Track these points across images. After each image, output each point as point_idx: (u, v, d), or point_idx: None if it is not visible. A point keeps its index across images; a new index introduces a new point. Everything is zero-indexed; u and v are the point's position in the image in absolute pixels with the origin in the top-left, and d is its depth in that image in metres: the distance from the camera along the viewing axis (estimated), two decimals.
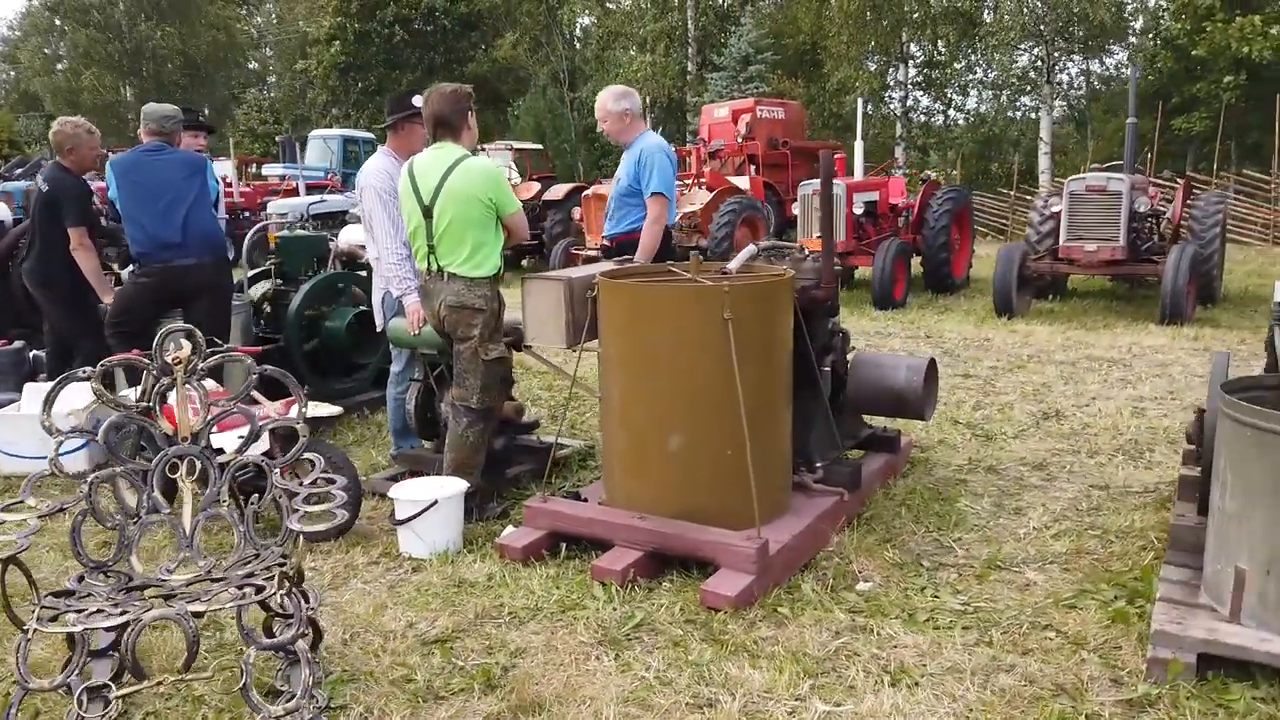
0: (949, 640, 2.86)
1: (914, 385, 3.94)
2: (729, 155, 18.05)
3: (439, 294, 3.71)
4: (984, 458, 4.68)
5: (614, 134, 4.54)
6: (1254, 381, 3.00)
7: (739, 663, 2.70)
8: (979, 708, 2.50)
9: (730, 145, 18.08)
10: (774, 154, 18.24)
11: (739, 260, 3.83)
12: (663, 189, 4.34)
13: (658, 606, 3.07)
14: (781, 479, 3.59)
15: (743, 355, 3.27)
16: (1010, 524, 3.82)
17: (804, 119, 21.05)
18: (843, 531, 3.69)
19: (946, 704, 2.51)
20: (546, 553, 3.46)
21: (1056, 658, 2.75)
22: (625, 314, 3.41)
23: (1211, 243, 9.38)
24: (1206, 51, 18.83)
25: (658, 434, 3.38)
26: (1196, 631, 2.62)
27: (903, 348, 7.80)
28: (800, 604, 3.10)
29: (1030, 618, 3.02)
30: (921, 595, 3.21)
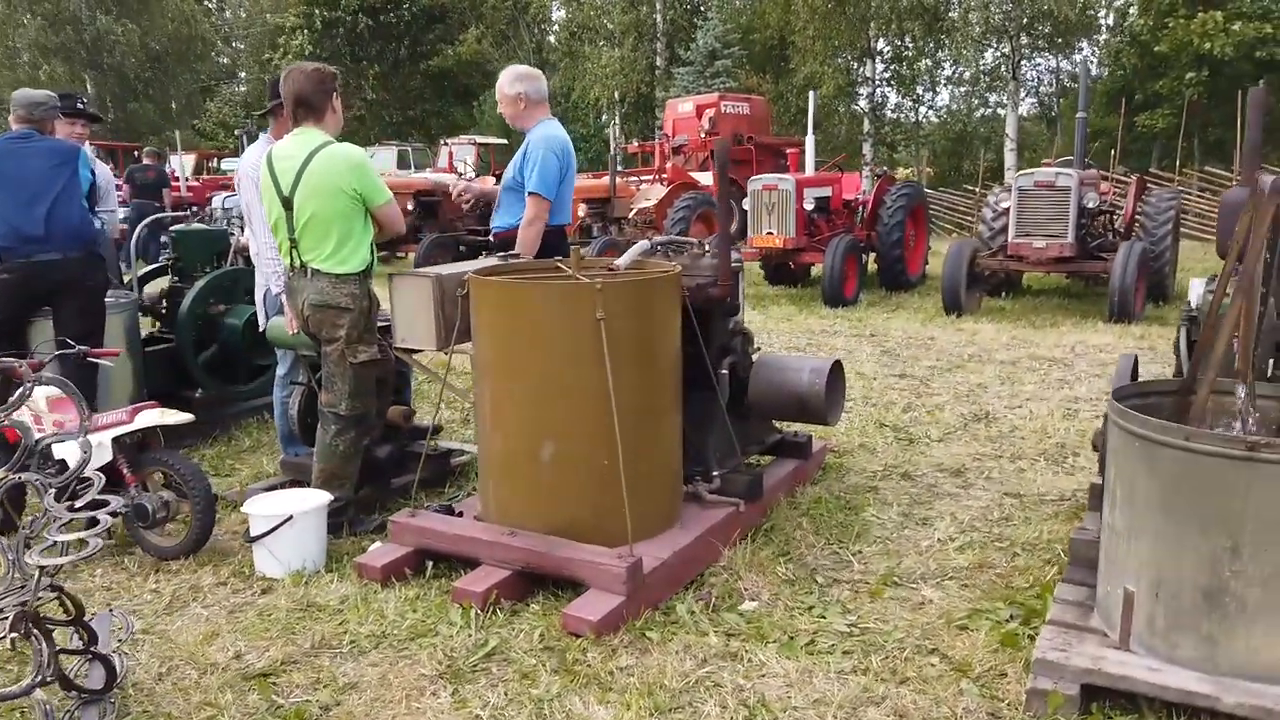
0: (823, 668, 2.64)
1: (816, 389, 3.72)
2: (693, 150, 17.87)
3: (302, 291, 3.45)
4: (902, 463, 4.47)
5: (510, 118, 4.25)
6: (1153, 387, 2.80)
7: (586, 697, 2.47)
8: None
9: (694, 140, 17.89)
10: (738, 149, 18.06)
11: (628, 257, 3.59)
12: (541, 189, 4.02)
13: (517, 632, 2.83)
14: (668, 489, 3.36)
15: (619, 357, 3.03)
16: (915, 535, 3.61)
17: (769, 114, 20.89)
18: (737, 545, 3.46)
19: None
20: (410, 572, 3.21)
21: (934, 687, 2.53)
22: (495, 313, 3.16)
23: (1163, 240, 9.26)
24: (1169, 48, 18.81)
25: (529, 442, 3.14)
26: (1080, 660, 2.41)
27: (845, 346, 7.60)
28: (673, 628, 2.88)
29: (917, 641, 2.81)
30: (808, 615, 2.99)
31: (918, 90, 24.98)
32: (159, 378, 5.09)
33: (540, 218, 4.12)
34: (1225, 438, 2.25)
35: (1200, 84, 19.06)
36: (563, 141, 4.14)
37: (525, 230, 4.10)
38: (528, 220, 4.11)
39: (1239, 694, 2.24)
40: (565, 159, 4.15)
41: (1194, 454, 2.28)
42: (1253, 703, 2.21)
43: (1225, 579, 2.27)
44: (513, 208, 4.29)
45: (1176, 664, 2.36)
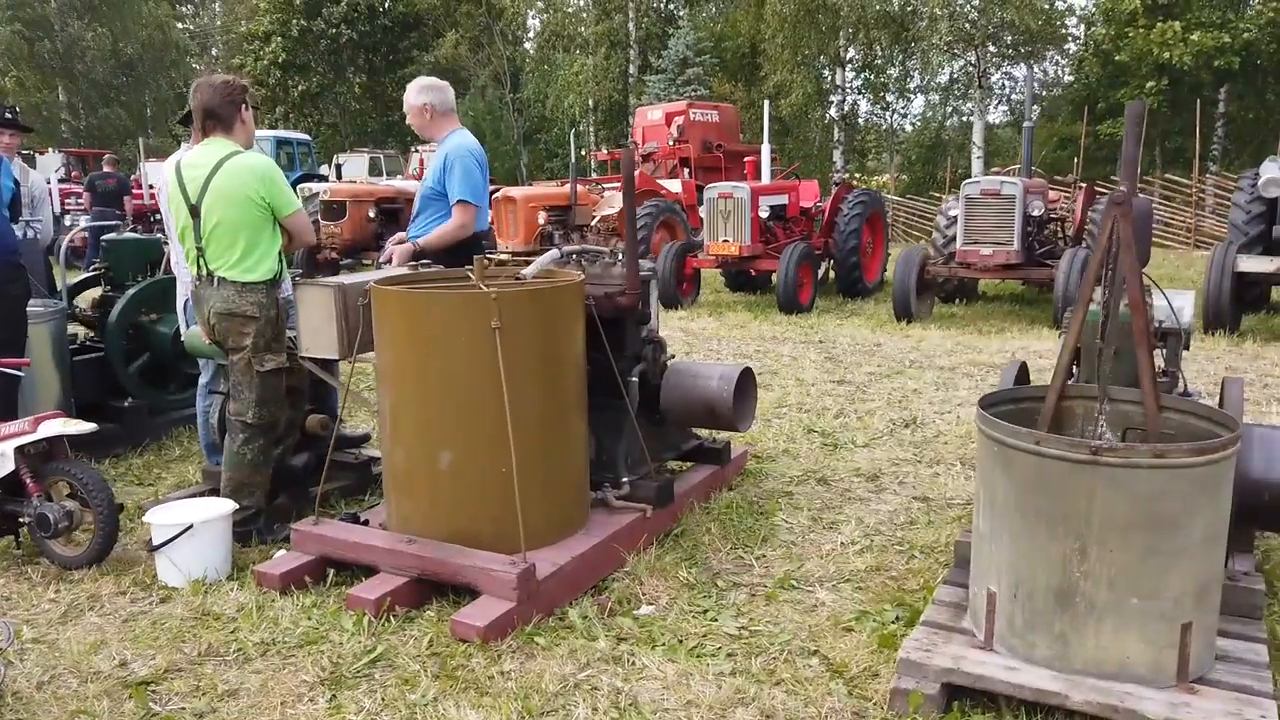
0: (702, 670, 2.69)
1: (725, 396, 3.78)
2: (662, 158, 17.94)
3: (209, 300, 3.47)
4: (821, 468, 4.54)
5: (418, 129, 4.30)
6: (1026, 393, 2.87)
7: (460, 701, 2.50)
8: None
9: (663, 148, 17.97)
10: (708, 157, 18.16)
11: (537, 265, 3.64)
12: (469, 196, 4.09)
13: (407, 639, 2.86)
14: (571, 496, 3.40)
15: (516, 366, 3.07)
16: (820, 539, 3.67)
17: (738, 122, 21.00)
18: (644, 550, 3.51)
19: None
20: (312, 580, 3.23)
21: (806, 688, 2.58)
22: (394, 323, 3.20)
23: None
24: (1129, 57, 19.08)
25: (428, 451, 3.17)
26: (942, 660, 2.47)
27: (791, 353, 7.68)
28: (563, 633, 2.92)
29: (802, 643, 2.87)
30: (702, 619, 3.04)
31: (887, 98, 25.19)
32: (89, 387, 5.09)
33: (468, 225, 4.17)
34: (1071, 442, 2.32)
35: (1160, 93, 19.35)
36: (481, 150, 4.21)
37: (448, 229, 4.13)
38: (455, 224, 4.16)
39: (1087, 691, 2.30)
40: (483, 166, 4.21)
41: (1043, 458, 2.35)
42: (1099, 700, 2.28)
43: (1075, 579, 2.34)
44: (431, 217, 4.33)
45: (1033, 663, 2.42)
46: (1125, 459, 2.26)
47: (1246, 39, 18.62)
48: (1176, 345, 3.31)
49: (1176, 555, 2.28)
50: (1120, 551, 2.29)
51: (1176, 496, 2.26)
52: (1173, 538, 2.28)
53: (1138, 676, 2.33)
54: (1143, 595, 2.30)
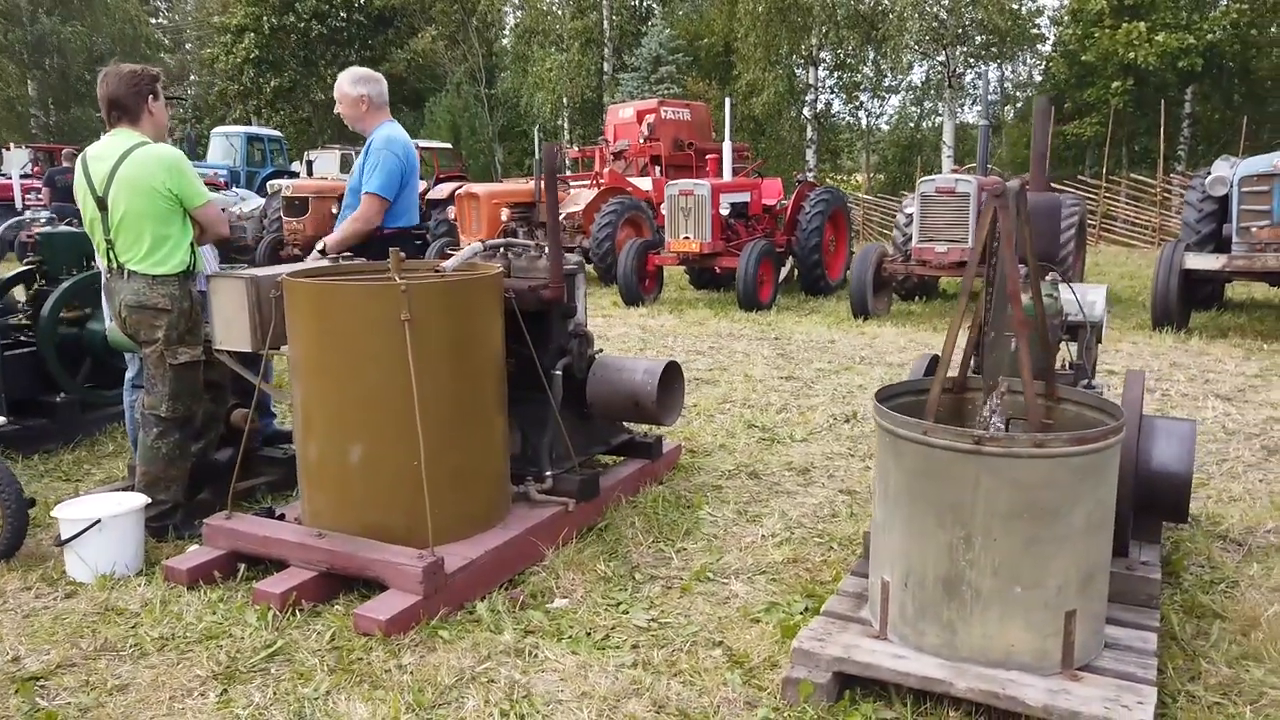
0: (603, 662, 2.68)
1: (649, 389, 3.78)
2: (634, 156, 17.93)
3: (119, 293, 3.43)
4: (754, 462, 4.55)
5: (350, 120, 4.25)
6: (925, 385, 2.88)
7: (352, 695, 2.49)
8: None
9: (634, 146, 17.96)
10: (679, 155, 18.18)
11: (458, 259, 3.62)
12: (377, 189, 4.01)
13: (310, 633, 2.84)
14: (487, 490, 3.38)
15: (427, 359, 3.06)
16: (742, 532, 3.68)
17: (710, 120, 21.04)
18: (565, 544, 3.50)
19: None
20: (221, 575, 3.20)
21: (703, 679, 2.59)
22: (305, 314, 3.17)
23: (1067, 245, 9.47)
24: (1095, 57, 19.26)
25: (339, 444, 3.15)
26: (834, 649, 2.48)
27: (744, 349, 7.70)
28: (469, 626, 2.90)
29: (709, 634, 2.87)
30: (613, 612, 3.04)
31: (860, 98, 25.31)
32: (21, 382, 5.02)
33: (371, 218, 4.09)
34: (956, 432, 2.33)
35: (1125, 93, 19.55)
36: (404, 143, 4.15)
37: (350, 224, 4.07)
38: (357, 216, 4.09)
39: (971, 679, 2.32)
40: (408, 161, 4.16)
41: (931, 448, 2.36)
42: (982, 687, 2.29)
43: (961, 568, 2.36)
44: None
45: (924, 651, 2.44)
46: (1006, 448, 2.28)
47: (1211, 40, 18.84)
48: (1087, 338, 3.34)
49: (1058, 544, 2.30)
50: (1003, 540, 2.31)
51: (1057, 485, 2.28)
52: (1054, 526, 2.29)
53: (1023, 664, 2.35)
54: (1026, 583, 2.32)
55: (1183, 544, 3.43)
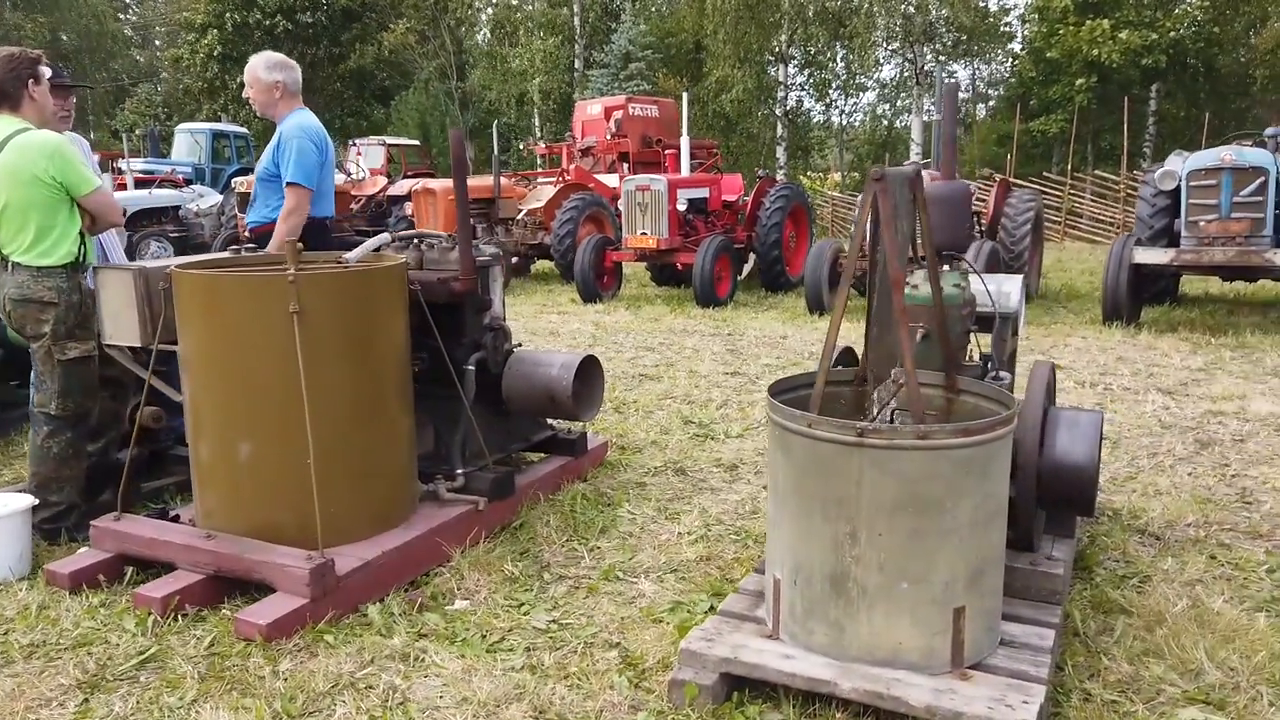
0: (490, 666, 2.59)
1: (564, 384, 3.68)
2: (601, 153, 17.83)
3: (3, 286, 3.29)
4: (683, 458, 4.47)
5: (262, 106, 4.14)
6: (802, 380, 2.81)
7: (220, 704, 2.38)
8: None
9: (602, 142, 17.86)
10: (647, 151, 18.08)
11: (362, 250, 3.51)
12: (300, 179, 3.94)
13: (189, 639, 2.72)
14: (388, 489, 3.27)
15: (318, 353, 2.95)
16: (659, 530, 3.60)
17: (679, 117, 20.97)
18: (474, 544, 3.41)
19: None
20: (106, 579, 3.07)
21: (591, 682, 2.50)
22: (192, 307, 3.05)
23: (1021, 240, 9.48)
24: (1060, 54, 19.35)
25: (229, 442, 3.04)
26: (721, 650, 2.40)
27: (695, 345, 7.62)
28: (359, 630, 2.80)
29: (608, 635, 2.78)
30: (514, 613, 2.95)
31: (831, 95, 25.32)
32: None
33: (301, 209, 4.03)
34: (840, 424, 2.25)
35: (1090, 90, 19.66)
36: (318, 130, 4.05)
37: (283, 221, 4.00)
38: (287, 211, 4.01)
39: (856, 679, 2.24)
40: (323, 148, 4.07)
41: (816, 440, 2.29)
42: (867, 687, 2.22)
43: (847, 564, 2.28)
44: (269, 200, 4.19)
45: (812, 651, 2.36)
46: (889, 440, 2.20)
47: (1174, 37, 18.98)
48: (1001, 329, 3.28)
49: (944, 538, 2.23)
50: (888, 535, 2.23)
51: (941, 478, 2.21)
52: (939, 520, 2.22)
53: (911, 663, 2.27)
54: (912, 579, 2.25)
55: (1100, 538, 3.38)
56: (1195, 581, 3.02)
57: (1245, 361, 6.59)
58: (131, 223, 13.68)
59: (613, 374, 6.45)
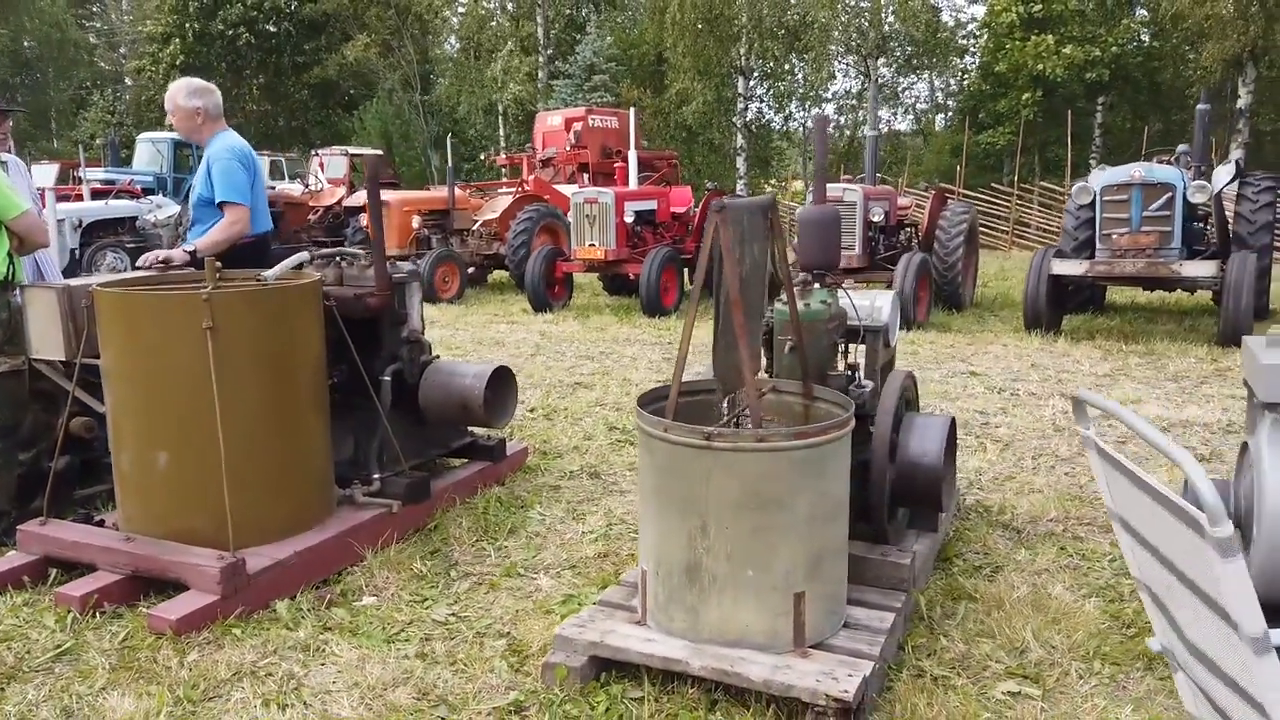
0: (384, 655, 2.81)
1: (476, 393, 3.91)
2: (561, 163, 18.07)
3: None
4: (600, 463, 4.71)
5: (187, 132, 4.34)
6: (699, 386, 3.06)
7: (126, 692, 2.58)
8: None
9: (562, 153, 18.10)
10: (607, 163, 18.32)
11: (281, 268, 3.72)
12: (234, 197, 4.14)
13: (104, 634, 2.92)
14: (303, 494, 3.48)
15: (232, 366, 3.16)
16: (565, 530, 3.83)
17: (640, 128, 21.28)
18: (387, 545, 3.62)
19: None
20: (30, 580, 3.26)
21: (474, 668, 2.73)
22: (112, 324, 3.25)
23: (955, 251, 9.83)
24: (1007, 69, 19.91)
25: (147, 451, 3.23)
26: (591, 634, 2.64)
27: (633, 354, 7.87)
28: (267, 624, 3.00)
29: (500, 627, 3.01)
30: (418, 608, 3.16)
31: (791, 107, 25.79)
32: None
33: (242, 221, 4.21)
34: (690, 429, 2.50)
35: (1035, 104, 20.23)
36: (244, 149, 4.26)
37: (221, 230, 4.17)
38: (227, 224, 4.19)
39: (706, 658, 2.49)
40: (251, 166, 4.27)
41: (670, 444, 2.54)
42: (714, 665, 2.47)
43: (700, 556, 2.53)
44: (207, 224, 4.37)
45: (672, 635, 2.61)
46: (733, 444, 2.46)
47: (1116, 53, 19.59)
48: (872, 341, 3.56)
49: (784, 531, 2.49)
50: (734, 529, 2.49)
51: (780, 477, 2.46)
52: (779, 515, 2.48)
53: (756, 643, 2.53)
54: (756, 568, 2.50)
55: (965, 532, 3.66)
56: (1043, 571, 3.31)
57: (1150, 368, 6.96)
58: (87, 233, 13.71)
59: (549, 382, 6.69)
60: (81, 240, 13.97)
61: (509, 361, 7.56)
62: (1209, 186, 7.81)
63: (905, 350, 7.73)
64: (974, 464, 4.57)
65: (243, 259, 4.21)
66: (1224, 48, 17.36)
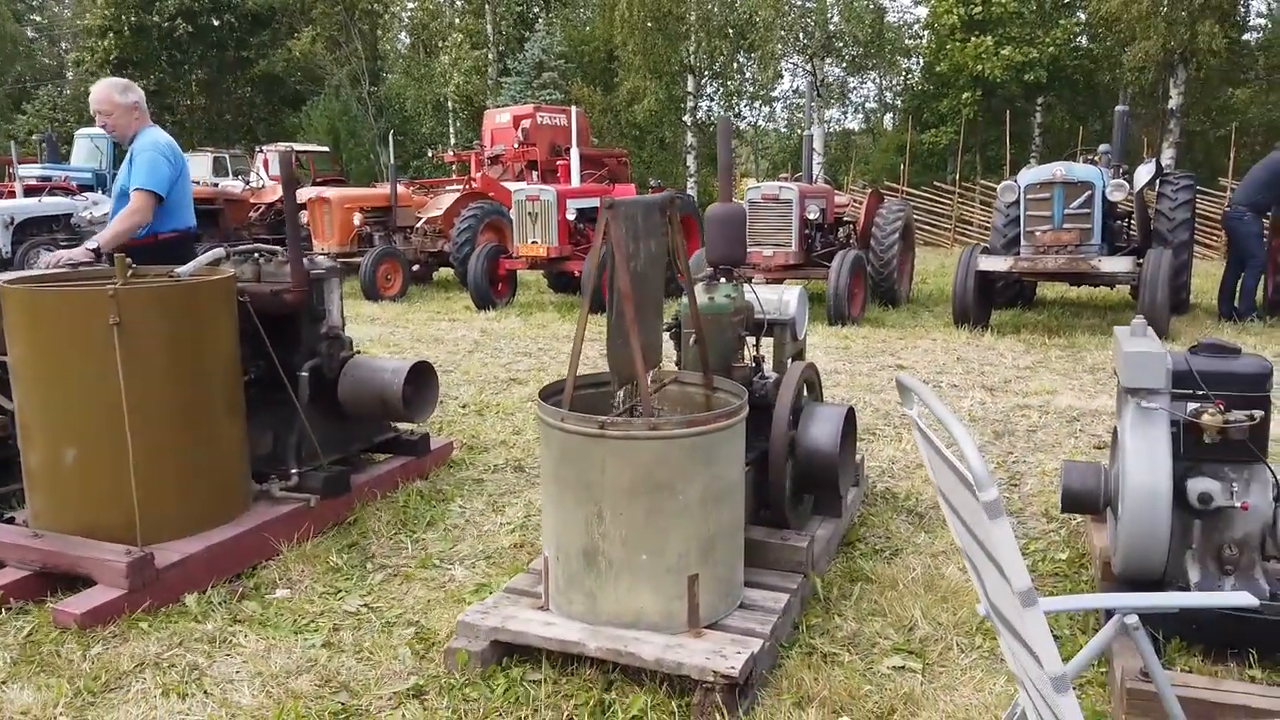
0: (290, 645, 2.85)
1: (394, 388, 3.95)
2: (510, 161, 18.03)
3: None
4: (526, 456, 4.77)
5: (122, 129, 4.33)
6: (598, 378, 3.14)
7: (26, 685, 2.59)
8: (243, 712, 2.48)
9: (510, 151, 18.06)
10: (555, 160, 18.33)
11: (196, 264, 3.72)
12: (151, 185, 4.15)
13: (9, 630, 2.91)
14: (216, 489, 3.49)
15: (141, 363, 3.17)
16: (484, 522, 3.89)
17: (588, 126, 21.32)
18: (304, 539, 3.64)
19: (212, 709, 2.49)
20: None
21: (378, 656, 2.78)
22: (18, 320, 3.23)
23: (890, 248, 10.04)
24: (949, 69, 20.32)
25: (55, 448, 3.22)
26: (493, 620, 2.70)
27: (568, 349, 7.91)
28: (176, 617, 3.02)
29: (411, 616, 3.06)
30: (330, 599, 3.20)
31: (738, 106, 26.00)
32: None
33: (143, 212, 4.19)
34: (585, 418, 2.58)
35: (976, 103, 20.69)
36: (171, 144, 4.28)
37: (123, 218, 4.16)
38: (128, 211, 4.18)
39: (602, 639, 2.57)
40: (177, 162, 4.28)
41: (567, 433, 2.61)
42: (609, 645, 2.55)
43: (596, 541, 2.61)
44: None
45: (572, 618, 2.68)
46: (625, 432, 2.54)
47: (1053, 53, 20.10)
48: (780, 334, 3.67)
49: (676, 516, 2.58)
50: (628, 514, 2.57)
51: (671, 464, 2.55)
52: (671, 500, 2.57)
53: (652, 624, 2.61)
54: (650, 552, 2.59)
55: (870, 518, 3.80)
56: (939, 553, 3.45)
57: (1069, 360, 7.21)
58: (20, 231, 13.39)
59: (483, 378, 6.72)
60: (14, 239, 13.62)
61: (446, 358, 7.61)
62: (1126, 185, 8.09)
63: (838, 345, 7.90)
64: (888, 453, 4.72)
65: (167, 256, 4.20)
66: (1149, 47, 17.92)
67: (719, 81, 26.53)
